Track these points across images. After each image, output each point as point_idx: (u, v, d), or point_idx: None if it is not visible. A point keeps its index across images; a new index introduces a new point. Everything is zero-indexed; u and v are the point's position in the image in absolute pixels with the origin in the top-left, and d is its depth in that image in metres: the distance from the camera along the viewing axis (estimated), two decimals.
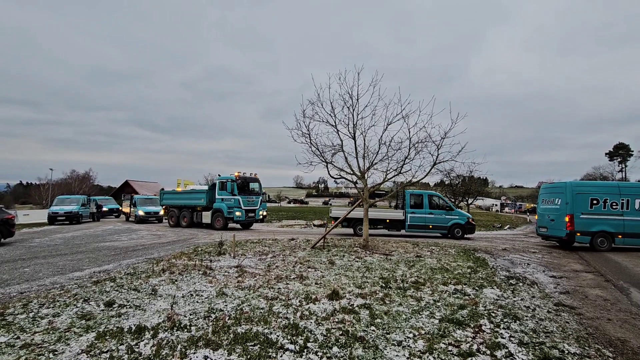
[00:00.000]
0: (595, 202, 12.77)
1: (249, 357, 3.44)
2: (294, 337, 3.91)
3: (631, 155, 67.12)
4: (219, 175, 20.13)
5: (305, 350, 3.62)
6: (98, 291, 5.87)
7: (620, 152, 69.85)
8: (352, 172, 11.72)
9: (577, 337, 4.28)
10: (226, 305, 5.12)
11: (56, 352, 3.53)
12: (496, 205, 71.33)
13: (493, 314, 4.95)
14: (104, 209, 30.67)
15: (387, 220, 16.96)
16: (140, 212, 24.84)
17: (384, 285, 6.45)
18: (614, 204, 12.69)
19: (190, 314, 4.70)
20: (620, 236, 12.59)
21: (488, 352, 3.69)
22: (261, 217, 20.38)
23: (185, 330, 4.13)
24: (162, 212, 25.21)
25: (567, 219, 12.76)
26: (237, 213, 18.75)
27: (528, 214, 49.95)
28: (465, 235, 16.66)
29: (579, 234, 12.72)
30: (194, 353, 3.51)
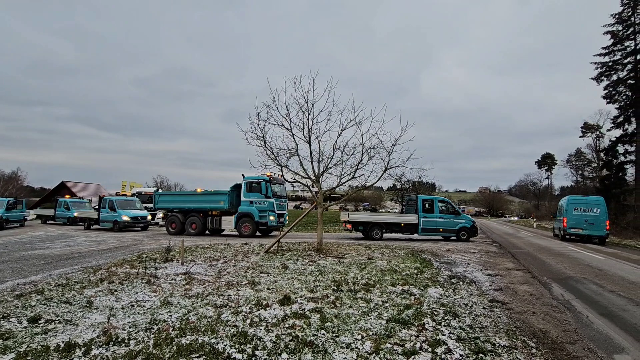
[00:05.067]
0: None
1: None
2: (242, 346, 3.83)
3: (555, 164, 76.00)
4: (243, 175, 17.52)
5: (254, 358, 3.56)
6: (21, 306, 5.26)
7: (547, 161, 78.85)
8: (306, 176, 11.79)
9: (507, 330, 4.69)
10: (171, 316, 4.86)
11: None
12: None
13: (435, 313, 5.25)
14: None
15: (402, 224, 17.54)
16: (125, 218, 20.40)
17: (335, 288, 6.55)
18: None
19: (130, 327, 4.40)
20: None
21: (430, 349, 3.91)
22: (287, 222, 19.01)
23: (123, 344, 3.85)
24: (150, 217, 22.05)
25: (607, 223, 17.80)
26: (272, 217, 16.96)
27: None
28: (470, 239, 17.77)
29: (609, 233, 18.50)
30: None
